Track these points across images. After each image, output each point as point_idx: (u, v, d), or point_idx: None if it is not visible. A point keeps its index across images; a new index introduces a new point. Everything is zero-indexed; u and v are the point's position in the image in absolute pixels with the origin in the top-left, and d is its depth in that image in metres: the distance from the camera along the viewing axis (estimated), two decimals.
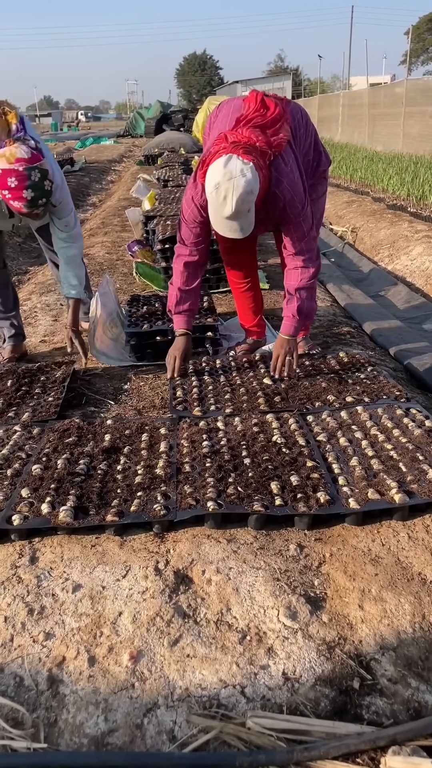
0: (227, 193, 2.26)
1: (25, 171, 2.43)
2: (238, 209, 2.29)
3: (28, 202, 2.49)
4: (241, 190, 2.25)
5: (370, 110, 16.45)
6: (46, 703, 1.35)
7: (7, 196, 2.48)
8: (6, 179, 2.43)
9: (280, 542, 1.80)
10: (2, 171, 2.43)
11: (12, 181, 2.43)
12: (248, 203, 2.31)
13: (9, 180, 2.43)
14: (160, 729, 1.29)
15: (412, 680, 1.38)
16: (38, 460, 2.13)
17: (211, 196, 2.33)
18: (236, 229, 2.39)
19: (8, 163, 2.43)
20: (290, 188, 2.45)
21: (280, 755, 1.21)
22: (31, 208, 2.52)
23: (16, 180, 2.43)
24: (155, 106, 26.26)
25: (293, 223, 2.55)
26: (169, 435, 2.31)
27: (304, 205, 2.53)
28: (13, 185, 2.44)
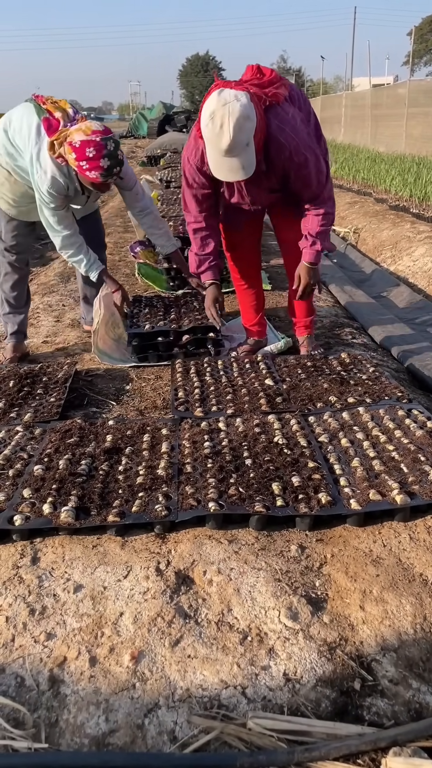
0: (223, 120, 2.20)
1: (101, 141, 2.60)
2: (236, 137, 2.21)
3: (105, 171, 2.64)
4: (238, 114, 2.19)
5: (372, 111, 16.45)
6: (47, 703, 1.35)
7: (84, 166, 2.62)
8: (84, 149, 2.58)
9: (282, 543, 1.80)
10: (81, 142, 2.58)
11: (90, 151, 2.59)
12: (246, 131, 2.24)
13: (87, 150, 2.58)
14: (161, 729, 1.29)
15: (413, 681, 1.38)
16: (40, 461, 2.13)
17: (207, 129, 2.26)
18: (237, 168, 2.30)
19: (85, 135, 2.59)
20: (294, 135, 2.41)
21: (281, 756, 1.21)
22: (107, 177, 2.68)
23: (94, 150, 2.59)
24: (158, 107, 26.27)
25: (303, 171, 2.50)
26: (171, 436, 2.31)
27: (313, 151, 2.49)
28: (91, 155, 2.59)
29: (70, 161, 2.65)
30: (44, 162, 2.72)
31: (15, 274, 3.19)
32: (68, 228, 2.92)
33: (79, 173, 2.68)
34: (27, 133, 2.76)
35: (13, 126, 2.83)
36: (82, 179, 2.74)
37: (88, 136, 2.58)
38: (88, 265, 3.03)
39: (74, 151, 2.59)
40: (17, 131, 2.81)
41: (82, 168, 2.63)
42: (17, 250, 3.15)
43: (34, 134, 2.74)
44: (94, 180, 2.67)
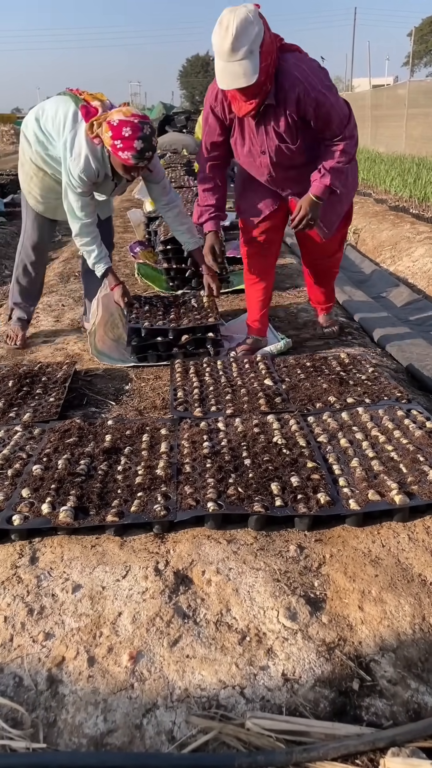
0: (229, 22, 2.30)
1: (139, 123, 2.67)
2: (239, 36, 2.28)
3: (137, 153, 2.68)
4: (243, 17, 2.29)
5: (372, 112, 16.45)
6: (45, 703, 1.35)
7: (118, 146, 2.67)
8: (121, 129, 2.65)
9: (281, 543, 1.80)
10: (119, 121, 2.66)
11: (126, 130, 2.64)
12: (249, 34, 2.30)
13: (124, 129, 2.64)
14: (160, 729, 1.28)
15: (411, 681, 1.38)
16: (39, 461, 2.13)
17: (215, 35, 2.35)
18: (240, 74, 2.33)
19: (124, 115, 2.68)
20: (310, 72, 2.47)
21: (279, 756, 1.21)
22: (138, 160, 2.71)
23: (131, 130, 2.65)
24: (158, 108, 26.25)
25: (323, 110, 2.51)
26: (170, 435, 2.31)
27: (332, 90, 2.54)
28: (127, 134, 2.64)
29: (105, 141, 2.71)
30: (79, 145, 2.78)
31: (33, 272, 3.30)
32: (89, 216, 2.96)
33: (112, 153, 2.73)
34: (62, 119, 2.82)
35: (46, 114, 2.89)
36: (114, 161, 2.79)
37: (127, 117, 2.66)
38: (98, 257, 3.06)
39: (111, 129, 2.66)
40: (50, 118, 2.87)
41: (116, 147, 2.68)
42: (40, 249, 3.25)
43: (70, 120, 2.80)
44: (125, 161, 2.71)
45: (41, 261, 3.36)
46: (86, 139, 2.76)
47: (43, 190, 3.07)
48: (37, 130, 2.92)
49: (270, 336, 3.34)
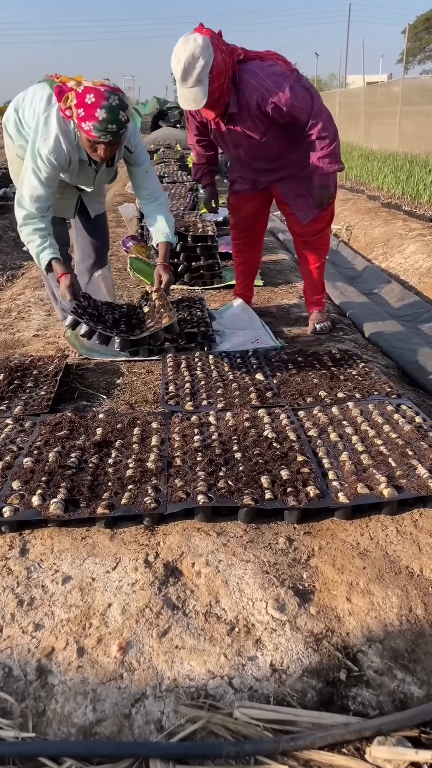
0: (180, 56, 2.63)
1: (104, 92, 2.43)
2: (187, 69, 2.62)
3: (99, 123, 2.41)
4: (190, 52, 2.61)
5: (366, 109, 16.46)
6: (34, 693, 1.35)
7: (80, 114, 2.44)
8: (85, 95, 2.42)
9: (270, 535, 1.81)
10: (84, 88, 2.45)
11: (90, 97, 2.41)
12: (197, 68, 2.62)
13: (88, 96, 2.42)
14: (148, 719, 1.29)
15: (398, 672, 1.39)
16: (29, 453, 2.13)
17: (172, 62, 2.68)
18: (190, 99, 2.70)
19: (93, 84, 2.49)
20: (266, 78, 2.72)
21: (267, 745, 1.22)
22: (100, 133, 2.44)
23: (94, 97, 2.40)
24: (152, 103, 26.18)
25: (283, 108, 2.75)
26: (161, 429, 2.31)
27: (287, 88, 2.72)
28: (90, 102, 2.40)
29: (73, 114, 2.48)
30: (51, 125, 2.57)
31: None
32: (41, 211, 2.66)
33: (78, 128, 2.51)
34: (37, 104, 2.66)
35: (24, 103, 2.76)
36: (81, 139, 2.56)
37: (95, 85, 2.47)
38: (41, 248, 2.67)
39: (77, 97, 2.45)
40: (27, 106, 2.73)
41: (79, 117, 2.45)
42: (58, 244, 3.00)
43: (44, 103, 2.62)
44: (87, 134, 2.46)
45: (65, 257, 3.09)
46: (58, 118, 2.56)
47: None
48: (18, 121, 2.79)
49: (264, 336, 3.34)
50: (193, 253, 4.32)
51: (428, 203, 7.72)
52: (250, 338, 3.33)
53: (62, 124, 2.57)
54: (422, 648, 1.45)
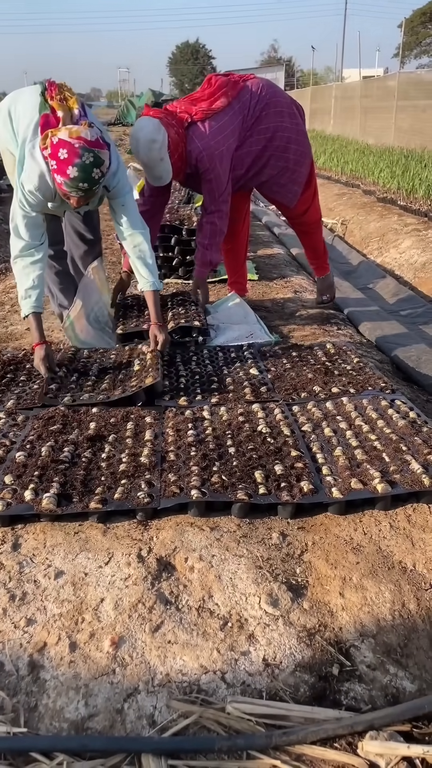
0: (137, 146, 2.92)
1: (79, 149, 2.33)
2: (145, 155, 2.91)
3: (70, 180, 2.35)
4: (144, 142, 2.88)
5: (362, 103, 16.42)
6: (26, 688, 1.35)
7: (53, 167, 2.39)
8: (58, 149, 2.34)
9: (263, 530, 1.81)
10: (59, 140, 2.35)
11: (63, 152, 2.33)
12: (155, 151, 2.88)
13: (61, 151, 2.34)
14: (141, 714, 1.29)
15: (390, 666, 1.39)
16: (22, 448, 2.12)
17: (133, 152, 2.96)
18: (158, 177, 3.00)
19: (68, 136, 2.35)
20: (203, 148, 2.95)
21: (259, 740, 1.22)
22: (70, 189, 2.39)
23: (67, 153, 2.33)
24: (147, 95, 26.05)
25: (205, 179, 3.05)
26: (155, 424, 2.31)
27: (215, 164, 2.99)
28: (63, 157, 2.33)
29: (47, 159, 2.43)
30: (37, 159, 2.49)
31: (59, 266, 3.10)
32: (36, 238, 2.62)
33: (51, 172, 2.44)
34: (25, 127, 2.57)
35: (18, 112, 2.67)
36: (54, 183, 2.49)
37: (70, 138, 2.34)
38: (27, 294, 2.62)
39: (51, 146, 2.37)
40: (20, 119, 2.64)
41: (53, 168, 2.39)
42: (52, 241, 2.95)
43: (32, 131, 2.54)
44: (59, 186, 2.41)
45: (60, 254, 3.12)
46: (40, 154, 2.47)
47: None
48: (8, 125, 2.69)
49: (259, 331, 3.33)
50: (188, 246, 4.30)
51: (424, 198, 7.71)
52: (245, 333, 3.32)
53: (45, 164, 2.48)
54: (414, 643, 1.45)
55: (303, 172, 3.36)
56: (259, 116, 3.10)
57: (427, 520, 1.84)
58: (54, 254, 3.02)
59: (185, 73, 70.24)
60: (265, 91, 3.12)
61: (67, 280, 3.15)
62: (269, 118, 3.12)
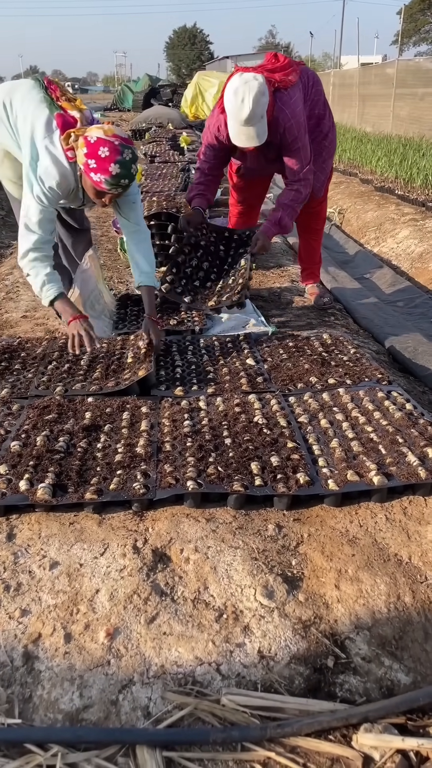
0: (244, 94, 2.72)
1: (119, 146, 2.36)
2: (254, 108, 2.73)
3: (112, 178, 2.38)
4: (256, 90, 2.72)
5: (360, 90, 16.31)
6: (21, 679, 1.35)
7: (92, 166, 2.37)
8: (97, 148, 2.34)
9: (259, 522, 1.80)
10: (96, 139, 2.35)
11: (104, 150, 2.34)
12: (262, 105, 2.75)
13: (101, 149, 2.34)
14: (135, 705, 1.29)
15: (385, 659, 1.40)
16: (17, 437, 2.10)
17: (230, 104, 2.77)
18: (253, 136, 2.82)
19: (104, 134, 2.37)
20: (291, 117, 2.87)
21: (254, 732, 1.22)
22: (111, 187, 2.42)
23: (108, 151, 2.34)
24: (143, 80, 25.82)
25: (292, 149, 2.99)
26: (151, 414, 2.29)
27: (302, 134, 2.96)
28: (104, 155, 2.34)
29: (78, 157, 2.43)
30: (53, 156, 2.49)
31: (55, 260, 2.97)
32: (48, 233, 2.60)
33: (84, 174, 2.45)
34: (30, 123, 2.53)
35: (15, 108, 2.61)
36: (85, 182, 2.51)
37: (107, 136, 2.37)
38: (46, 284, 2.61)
39: (87, 146, 2.36)
40: (20, 116, 2.59)
41: (88, 167, 2.39)
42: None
43: (43, 128, 2.51)
44: (96, 184, 2.43)
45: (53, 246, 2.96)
46: (62, 151, 2.48)
47: (17, 171, 2.75)
48: (5, 119, 2.64)
49: (255, 318, 3.32)
50: (184, 234, 4.26)
51: (421, 188, 7.68)
52: (242, 323, 3.31)
53: (64, 157, 2.50)
54: (410, 635, 1.46)
55: (330, 164, 3.40)
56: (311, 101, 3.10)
57: (423, 513, 1.84)
58: None
59: (182, 58, 69.55)
60: (313, 80, 3.12)
61: (60, 270, 3.10)
62: (317, 105, 3.13)
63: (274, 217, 3.16)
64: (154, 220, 4.20)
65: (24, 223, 2.57)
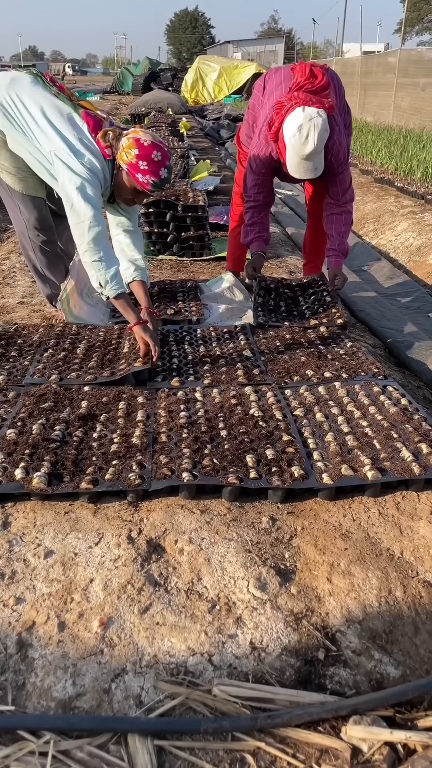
0: (309, 131, 2.69)
1: (167, 152, 2.49)
2: (318, 145, 2.72)
3: (159, 181, 2.48)
4: (320, 127, 2.69)
5: (362, 79, 16.20)
6: (14, 666, 1.36)
7: (142, 167, 2.44)
8: (151, 152, 2.43)
9: (253, 514, 1.82)
10: (151, 143, 2.44)
11: (157, 155, 2.44)
12: (324, 140, 2.75)
13: (154, 153, 2.44)
14: (128, 694, 1.31)
15: (375, 652, 1.41)
16: (13, 425, 2.11)
17: (293, 139, 2.71)
18: (312, 169, 2.83)
19: (153, 139, 2.47)
20: (338, 142, 2.89)
21: (244, 722, 1.24)
22: (155, 189, 2.51)
23: (161, 156, 2.45)
24: (144, 63, 25.61)
25: (339, 174, 3.01)
26: (147, 404, 2.30)
27: (347, 159, 3.00)
28: (156, 159, 2.44)
29: (123, 157, 2.45)
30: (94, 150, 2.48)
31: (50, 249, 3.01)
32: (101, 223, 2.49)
33: (129, 174, 2.47)
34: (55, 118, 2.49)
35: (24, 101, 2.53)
36: (125, 180, 2.53)
37: (156, 141, 2.46)
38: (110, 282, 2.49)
39: (139, 148, 2.41)
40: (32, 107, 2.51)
41: (137, 168, 2.43)
42: (45, 225, 2.92)
43: (68, 122, 2.49)
44: (142, 185, 2.48)
45: (51, 237, 3.00)
46: (97, 147, 2.49)
47: (17, 162, 2.69)
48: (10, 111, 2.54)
49: (252, 309, 3.32)
50: (183, 223, 4.26)
51: (421, 180, 7.65)
52: (239, 313, 3.31)
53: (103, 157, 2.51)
54: (400, 629, 1.48)
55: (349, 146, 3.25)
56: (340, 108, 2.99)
57: (415, 508, 1.86)
58: (47, 239, 2.96)
59: (183, 42, 68.85)
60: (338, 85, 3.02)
61: (57, 260, 3.10)
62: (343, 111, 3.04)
63: (342, 249, 3.17)
64: (153, 207, 4.19)
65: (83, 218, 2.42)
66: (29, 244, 2.97)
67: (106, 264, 2.47)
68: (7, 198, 2.90)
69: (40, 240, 2.95)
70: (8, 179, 2.78)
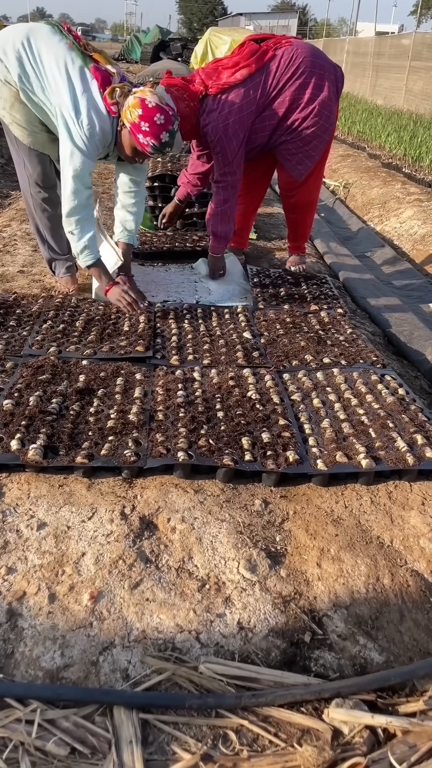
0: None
1: (172, 117, 2.47)
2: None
3: (160, 145, 2.48)
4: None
5: (374, 60, 15.94)
6: (3, 635, 1.37)
7: (144, 128, 2.44)
8: (154, 113, 2.42)
9: (246, 497, 1.83)
10: (156, 105, 2.43)
11: (160, 118, 2.43)
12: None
13: (157, 116, 2.43)
14: (115, 667, 1.32)
15: (360, 638, 1.44)
16: (10, 395, 2.10)
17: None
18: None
19: (160, 101, 2.44)
20: (209, 122, 2.93)
21: (229, 700, 1.26)
22: (155, 152, 2.52)
23: (164, 119, 2.44)
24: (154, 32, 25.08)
25: (213, 151, 3.05)
26: (145, 381, 2.29)
27: (220, 139, 2.95)
28: (159, 122, 2.43)
29: (127, 115, 2.44)
30: (99, 106, 2.48)
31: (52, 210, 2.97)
32: (88, 185, 2.59)
33: (131, 133, 2.47)
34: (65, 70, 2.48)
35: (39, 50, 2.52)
36: (125, 139, 2.54)
37: (162, 104, 2.44)
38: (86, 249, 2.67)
39: (143, 108, 2.40)
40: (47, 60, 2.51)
41: (139, 128, 2.43)
42: (49, 182, 2.91)
43: (78, 77, 2.47)
44: (142, 146, 2.49)
45: (53, 198, 2.94)
46: (102, 102, 2.48)
47: (28, 116, 2.69)
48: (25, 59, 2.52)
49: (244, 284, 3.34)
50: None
51: (429, 167, 7.58)
52: (239, 294, 3.29)
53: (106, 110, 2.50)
54: (386, 616, 1.50)
55: (321, 148, 3.19)
56: (284, 86, 2.93)
57: (407, 498, 1.87)
58: (48, 197, 2.93)
59: (194, 12, 67.40)
60: (300, 59, 2.91)
61: (59, 224, 3.05)
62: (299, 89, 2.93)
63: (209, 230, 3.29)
64: (158, 181, 4.14)
65: (69, 174, 2.53)
66: (31, 200, 2.97)
67: (77, 237, 2.64)
68: (15, 153, 2.90)
69: (41, 197, 2.94)
70: (18, 132, 2.76)
